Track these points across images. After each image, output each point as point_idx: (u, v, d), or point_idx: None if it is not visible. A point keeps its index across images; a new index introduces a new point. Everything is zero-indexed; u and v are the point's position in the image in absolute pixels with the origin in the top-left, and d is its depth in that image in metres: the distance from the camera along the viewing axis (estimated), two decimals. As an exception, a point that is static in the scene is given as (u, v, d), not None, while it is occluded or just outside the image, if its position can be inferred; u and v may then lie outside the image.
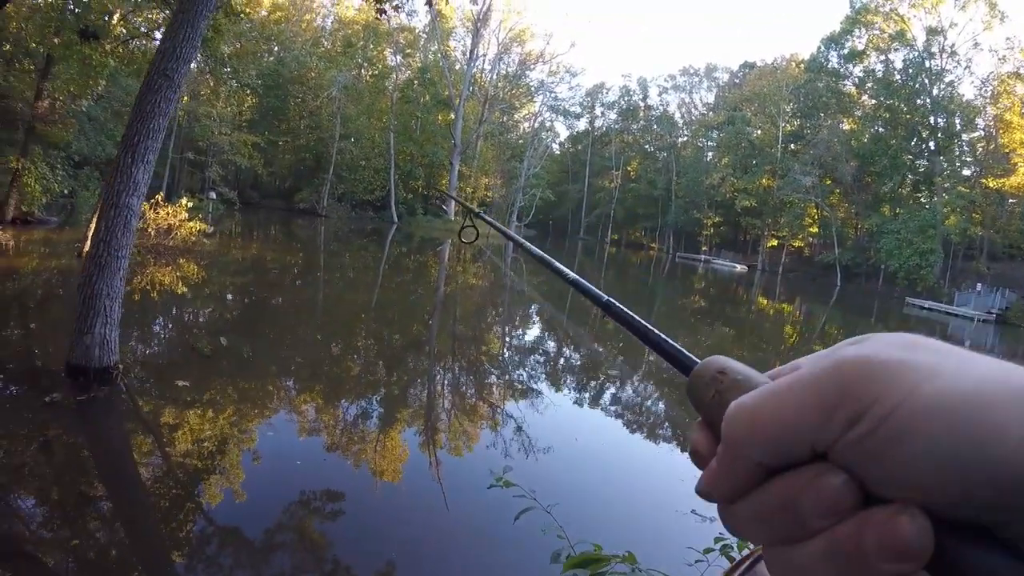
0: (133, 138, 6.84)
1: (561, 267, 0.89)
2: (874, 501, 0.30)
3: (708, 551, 3.83)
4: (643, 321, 0.55)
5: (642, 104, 74.54)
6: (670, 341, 0.50)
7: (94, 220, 14.10)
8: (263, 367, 8.91)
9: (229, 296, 14.27)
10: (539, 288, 25.22)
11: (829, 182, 50.12)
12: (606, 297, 0.66)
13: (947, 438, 0.27)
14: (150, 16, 20.65)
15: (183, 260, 16.89)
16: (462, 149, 57.18)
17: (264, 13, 49.55)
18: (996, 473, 0.27)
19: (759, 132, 57.97)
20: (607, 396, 10.06)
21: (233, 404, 7.22)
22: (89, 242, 13.93)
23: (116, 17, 19.05)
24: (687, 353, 0.46)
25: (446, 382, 9.65)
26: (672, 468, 7.00)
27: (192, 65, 7.33)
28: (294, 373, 8.97)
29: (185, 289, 13.62)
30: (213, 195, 38.01)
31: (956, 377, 0.29)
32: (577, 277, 0.75)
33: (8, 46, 20.34)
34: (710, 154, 66.66)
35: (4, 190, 18.15)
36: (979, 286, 33.10)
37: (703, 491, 0.36)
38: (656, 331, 0.52)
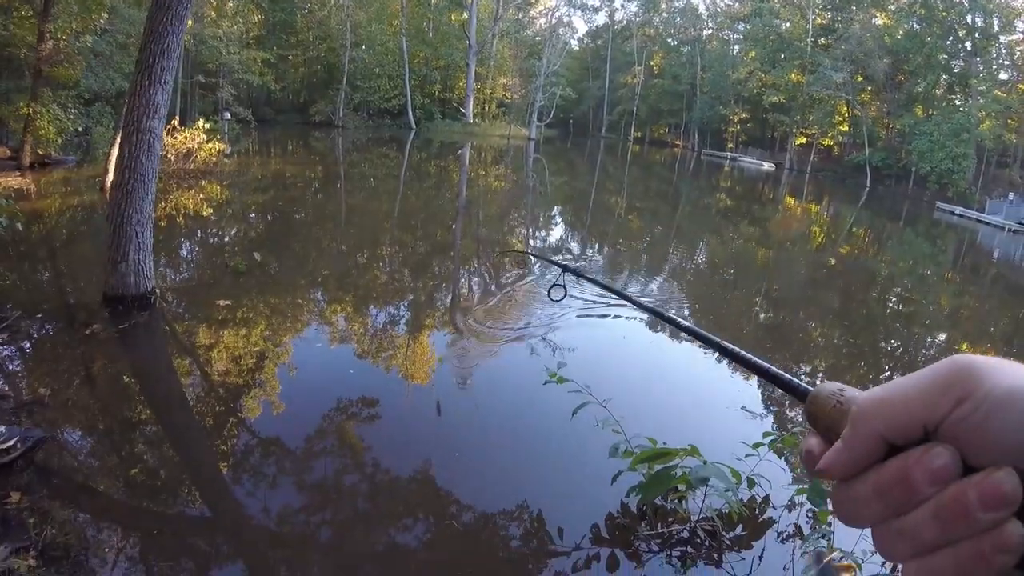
0: (148, 59, 6.70)
1: (673, 316, 0.96)
2: (971, 472, 0.36)
3: (758, 445, 3.91)
4: (758, 359, 0.64)
5: (665, -5, 71.64)
6: (785, 374, 0.56)
7: (113, 151, 14.14)
8: (295, 280, 9.07)
9: (254, 214, 14.36)
10: (561, 189, 25.00)
11: (861, 79, 47.95)
12: (718, 339, 0.76)
13: None
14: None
15: (205, 182, 16.99)
16: (477, 49, 55.71)
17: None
18: None
19: (788, 24, 55.16)
20: (649, 294, 10.04)
21: (270, 318, 7.39)
22: (111, 173, 13.97)
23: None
24: (801, 382, 0.53)
25: (474, 285, 9.68)
26: (721, 367, 7.03)
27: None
28: (325, 284, 9.10)
29: (211, 210, 13.71)
30: (228, 115, 37.66)
31: None
32: (691, 324, 0.81)
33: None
34: (736, 47, 63.76)
35: (18, 137, 18.12)
36: (1011, 195, 31.72)
37: (825, 468, 0.42)
38: (773, 366, 0.60)
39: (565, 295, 2.16)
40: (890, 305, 11.81)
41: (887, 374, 7.69)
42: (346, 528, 3.93)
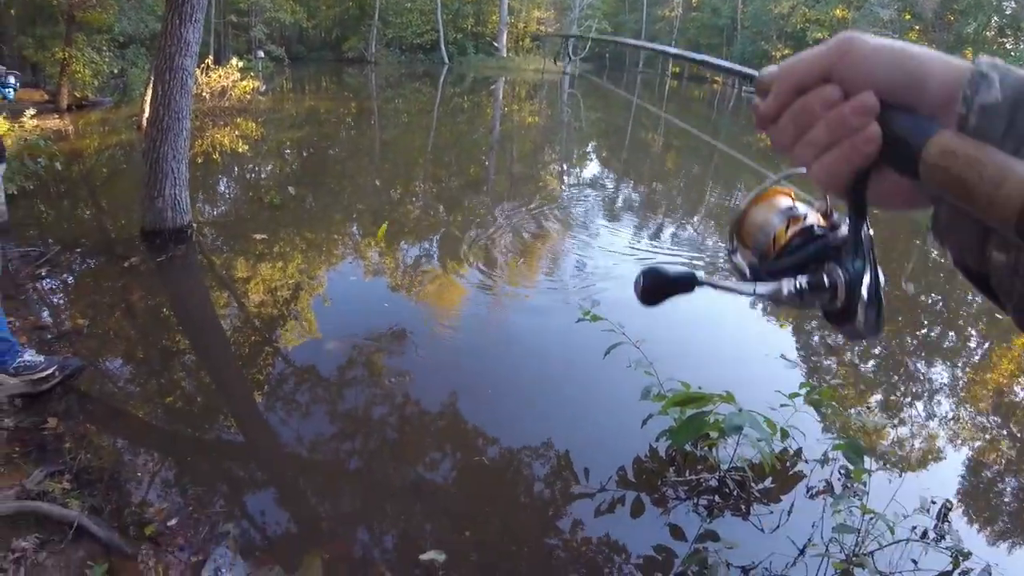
0: (177, -4, 6.65)
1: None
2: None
3: (794, 396, 3.85)
4: (704, 56, 0.87)
5: (702, -77, 68.79)
6: (732, 64, 0.79)
7: (148, 91, 14.19)
8: (330, 214, 9.12)
9: (289, 149, 14.39)
10: (596, 125, 24.61)
11: (908, 17, 45.98)
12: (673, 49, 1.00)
13: (886, 58, 0.53)
14: None
15: (240, 119, 17.01)
16: (511, -18, 54.65)
17: None
18: (912, 72, 0.53)
19: None
20: (685, 236, 9.89)
21: (305, 252, 7.48)
22: (147, 112, 14.04)
23: None
24: (747, 69, 0.75)
25: (507, 222, 9.56)
26: (760, 313, 6.93)
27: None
28: (359, 218, 9.13)
29: (246, 147, 13.76)
30: (261, 54, 37.36)
31: (895, 41, 0.54)
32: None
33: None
34: (780, -19, 61.94)
35: (55, 80, 18.25)
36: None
37: (762, 112, 0.62)
38: (719, 60, 0.82)
39: (570, 61, 2.19)
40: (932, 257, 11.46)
41: (925, 330, 7.57)
42: (375, 459, 4.00)
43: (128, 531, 3.15)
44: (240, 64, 18.75)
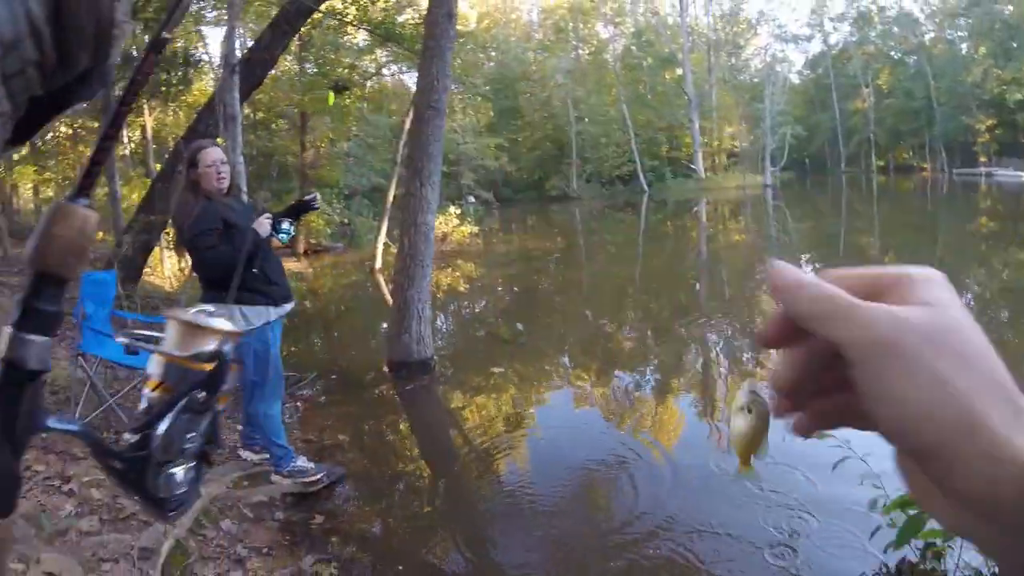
0: (417, 164, 8.01)
1: None
2: None
3: None
4: None
5: (874, 7, 64.53)
6: None
7: (379, 238, 16.01)
8: (553, 348, 9.62)
9: (505, 286, 15.38)
10: (807, 235, 23.84)
11: None
12: None
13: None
14: (375, 58, 25.06)
15: (460, 261, 18.50)
16: (698, 103, 55.46)
17: (474, 25, 51.48)
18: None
19: (1011, 8, 48.77)
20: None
21: (533, 383, 7.98)
22: (379, 258, 15.76)
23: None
24: None
25: (721, 348, 9.41)
26: None
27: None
28: (581, 351, 9.52)
29: (467, 286, 14.92)
30: (472, 199, 40.25)
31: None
32: None
33: (261, 114, 23.31)
34: (964, 46, 57.11)
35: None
36: None
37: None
38: None
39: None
40: None
41: None
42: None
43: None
44: (457, 211, 20.53)
